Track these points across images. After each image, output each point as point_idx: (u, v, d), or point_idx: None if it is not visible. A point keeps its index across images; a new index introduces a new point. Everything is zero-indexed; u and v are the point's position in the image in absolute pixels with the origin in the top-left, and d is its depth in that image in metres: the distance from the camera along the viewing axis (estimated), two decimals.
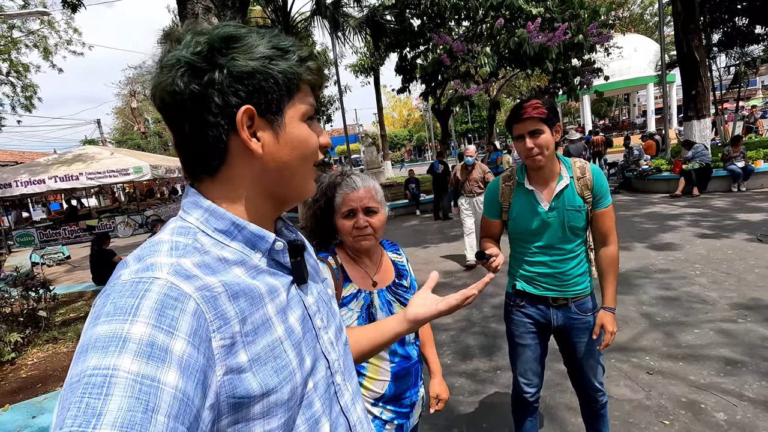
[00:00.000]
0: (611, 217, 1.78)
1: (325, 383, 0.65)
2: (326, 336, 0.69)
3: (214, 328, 0.50)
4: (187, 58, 0.54)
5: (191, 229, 0.58)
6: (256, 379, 0.52)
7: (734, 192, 8.59)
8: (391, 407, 1.36)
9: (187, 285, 0.50)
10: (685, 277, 4.43)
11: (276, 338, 0.57)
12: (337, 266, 1.36)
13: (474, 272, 5.56)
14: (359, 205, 1.32)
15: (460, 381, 3.07)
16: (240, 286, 0.55)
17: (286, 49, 0.59)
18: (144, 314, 0.45)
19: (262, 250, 0.61)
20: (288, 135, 0.60)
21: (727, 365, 2.82)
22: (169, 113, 0.57)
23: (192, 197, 0.61)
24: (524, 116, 1.64)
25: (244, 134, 0.56)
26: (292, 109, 0.60)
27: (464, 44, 9.49)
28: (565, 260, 1.78)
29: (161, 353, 0.43)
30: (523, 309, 1.88)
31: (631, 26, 25.29)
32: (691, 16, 9.72)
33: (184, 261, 0.52)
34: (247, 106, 0.55)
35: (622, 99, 34.51)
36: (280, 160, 0.60)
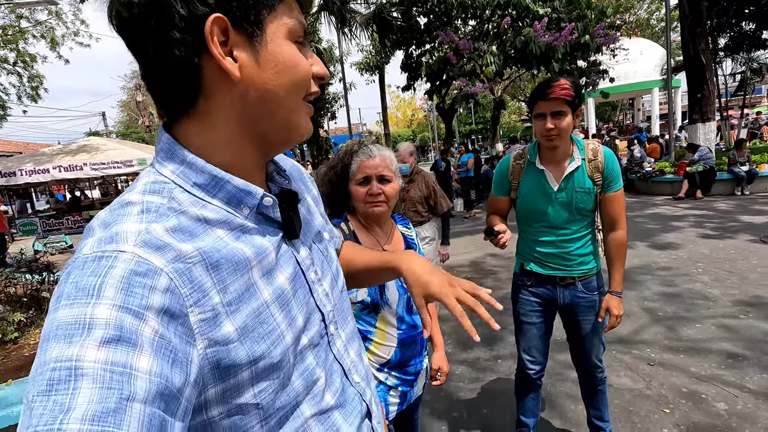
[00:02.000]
0: (621, 202, 1.78)
1: (319, 336, 0.63)
2: (320, 288, 0.65)
3: (190, 303, 0.45)
4: None
5: (166, 185, 0.51)
6: (243, 348, 0.49)
7: (738, 195, 8.58)
8: (396, 374, 1.38)
9: (157, 257, 0.44)
10: (687, 274, 4.43)
11: (261, 303, 0.52)
12: (350, 232, 1.38)
13: (477, 267, 5.56)
14: (374, 173, 1.36)
15: (461, 369, 3.07)
16: (221, 252, 0.49)
17: None
18: (109, 295, 0.40)
19: (249, 206, 0.54)
20: (271, 54, 0.50)
21: (728, 358, 2.82)
22: (128, 33, 0.48)
23: (166, 143, 0.52)
24: (550, 95, 1.63)
25: (215, 50, 0.47)
26: (275, 23, 0.50)
27: (470, 42, 9.50)
28: (572, 240, 1.79)
29: (131, 337, 0.40)
30: (530, 288, 1.89)
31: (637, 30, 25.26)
32: (699, 19, 9.70)
33: (155, 227, 0.46)
34: (217, 15, 0.46)
35: (627, 103, 34.45)
36: (262, 85, 0.50)
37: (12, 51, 15.36)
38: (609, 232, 1.82)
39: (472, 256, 6.09)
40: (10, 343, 3.81)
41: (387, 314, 1.37)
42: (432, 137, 39.35)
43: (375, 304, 1.35)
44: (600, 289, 1.85)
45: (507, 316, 3.85)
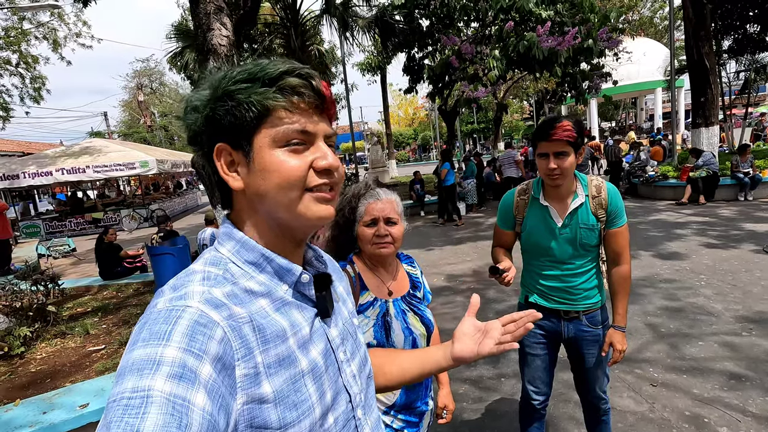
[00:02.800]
0: (625, 237, 1.79)
1: (345, 418, 0.66)
2: (349, 369, 0.69)
3: (239, 357, 0.52)
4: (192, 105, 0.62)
5: (223, 259, 0.61)
6: (276, 412, 0.54)
7: (741, 201, 8.56)
8: (402, 416, 1.39)
9: (216, 313, 0.52)
10: (690, 287, 4.43)
11: (298, 372, 0.58)
12: (355, 275, 1.40)
13: (479, 276, 5.57)
14: (381, 215, 1.38)
15: (465, 387, 3.09)
16: (265, 319, 0.57)
17: (253, 76, 0.58)
18: (176, 339, 0.48)
19: (289, 283, 0.63)
20: (257, 163, 0.59)
21: (731, 379, 2.83)
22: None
23: (226, 228, 0.65)
24: (553, 137, 1.64)
25: (219, 169, 0.61)
26: (260, 136, 0.59)
27: (473, 46, 9.47)
28: (577, 275, 1.80)
29: (191, 375, 0.46)
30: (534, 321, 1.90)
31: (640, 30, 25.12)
32: (702, 22, 9.66)
33: (215, 290, 0.55)
34: (218, 144, 0.60)
35: (629, 103, 34.33)
36: (256, 189, 0.60)
37: (15, 53, 15.38)
38: (613, 266, 1.83)
39: (474, 265, 6.10)
40: (17, 357, 3.85)
41: None
42: (433, 136, 39.29)
43: (381, 347, 1.36)
44: (604, 323, 1.86)
45: None
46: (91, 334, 4.33)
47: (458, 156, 20.16)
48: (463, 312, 4.42)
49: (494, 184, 12.43)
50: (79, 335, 4.29)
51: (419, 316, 1.45)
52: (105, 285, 6.41)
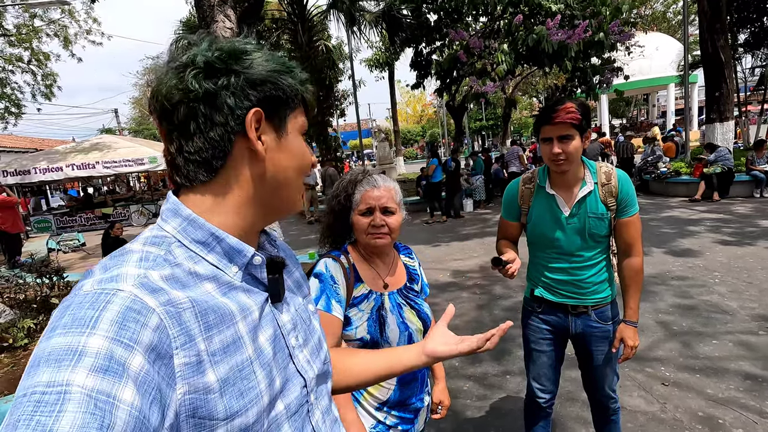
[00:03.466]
0: (636, 227, 1.70)
1: (298, 404, 0.64)
2: (302, 355, 0.68)
3: (177, 345, 0.48)
4: (207, 59, 0.56)
5: (167, 238, 0.57)
6: (222, 401, 0.51)
7: (756, 198, 8.35)
8: (395, 413, 1.33)
9: (151, 298, 0.48)
10: (703, 285, 4.30)
11: (246, 358, 0.56)
12: (349, 266, 1.33)
13: (486, 272, 5.48)
14: (377, 204, 1.31)
15: (468, 384, 3.02)
16: (209, 303, 0.54)
17: (291, 68, 0.63)
18: (103, 327, 0.43)
19: (239, 264, 0.60)
20: (289, 143, 0.63)
21: (746, 379, 2.72)
22: (173, 113, 0.56)
23: (172, 205, 0.60)
24: (556, 120, 1.56)
25: (251, 134, 0.58)
26: (293, 121, 0.64)
27: (481, 40, 9.34)
28: (585, 267, 1.71)
29: (118, 368, 0.42)
30: (540, 315, 1.82)
31: (653, 24, 24.68)
32: (718, 15, 9.41)
33: (152, 273, 0.51)
34: (257, 108, 0.58)
35: (641, 99, 33.78)
36: (279, 165, 0.62)
37: (26, 50, 15.55)
38: (624, 258, 1.74)
39: (480, 261, 6.01)
40: (20, 349, 3.85)
41: None
42: (442, 133, 39.09)
43: (374, 342, 1.29)
44: (614, 319, 1.77)
45: (514, 328, 3.76)
46: None
47: (466, 153, 20.00)
48: (468, 308, 4.34)
49: (502, 180, 12.30)
50: None
51: (416, 310, 1.38)
52: None
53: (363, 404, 1.31)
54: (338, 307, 1.27)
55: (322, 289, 1.29)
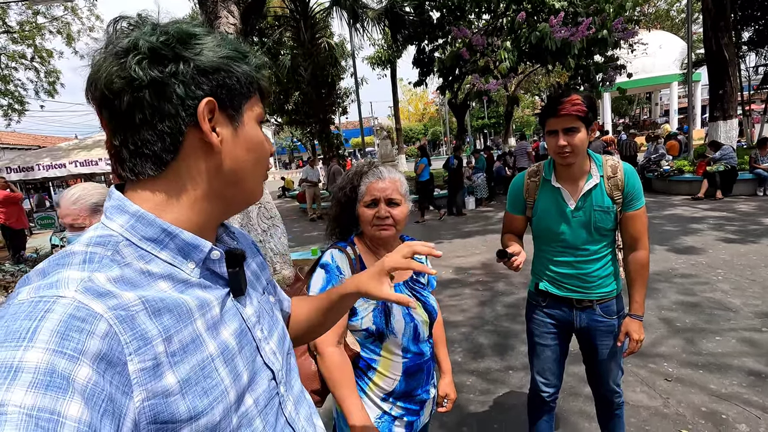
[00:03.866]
0: (643, 221, 1.70)
1: (268, 397, 0.63)
2: (268, 347, 0.66)
3: (130, 351, 0.46)
4: (151, 45, 0.51)
5: (113, 237, 0.53)
6: (184, 402, 0.49)
7: (760, 196, 8.32)
8: (401, 404, 1.34)
9: (98, 303, 0.45)
10: (707, 282, 4.30)
11: (206, 356, 0.53)
12: (356, 256, 1.34)
13: (488, 269, 5.48)
14: (382, 195, 1.32)
15: (471, 379, 3.02)
16: (165, 302, 0.51)
17: (245, 53, 0.59)
18: (43, 338, 0.40)
19: (196, 260, 0.57)
20: (246, 134, 0.60)
21: (750, 375, 2.72)
22: (115, 103, 0.52)
23: (116, 201, 0.56)
24: (561, 112, 1.56)
25: (205, 126, 0.54)
26: (250, 110, 0.61)
27: (484, 38, 9.32)
28: (591, 261, 1.71)
29: (62, 382, 0.39)
30: (545, 309, 1.83)
31: (656, 22, 24.57)
32: (722, 12, 9.37)
33: (98, 276, 0.48)
34: (210, 98, 0.55)
35: (644, 98, 33.66)
36: (236, 158, 0.59)
37: (29, 47, 15.58)
38: (630, 252, 1.74)
39: (483, 258, 6.02)
40: None
41: (391, 344, 1.32)
42: (444, 131, 39.04)
43: (380, 333, 1.30)
44: (619, 313, 1.78)
45: (516, 324, 3.81)
46: None
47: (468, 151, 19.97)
48: (471, 304, 4.35)
49: (504, 178, 12.29)
50: None
51: (422, 302, 1.39)
52: None
53: (369, 394, 1.31)
54: None
55: (328, 279, 1.30)
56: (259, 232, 4.38)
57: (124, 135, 0.53)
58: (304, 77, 11.65)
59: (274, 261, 4.42)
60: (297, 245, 7.86)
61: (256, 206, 4.36)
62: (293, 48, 12.45)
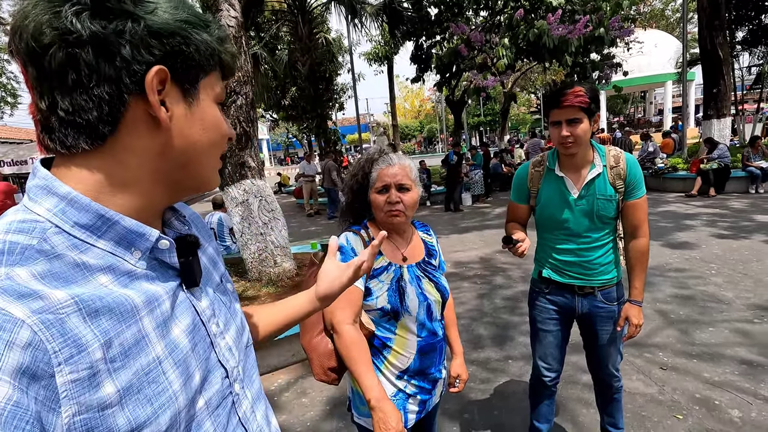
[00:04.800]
0: (643, 209, 1.76)
1: (220, 396, 0.58)
2: (224, 342, 0.60)
3: (59, 361, 0.39)
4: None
5: (38, 224, 0.45)
6: (123, 414, 0.43)
7: (752, 194, 8.45)
8: (415, 382, 1.39)
9: (18, 307, 0.38)
10: (700, 276, 4.39)
11: (153, 359, 0.47)
12: (369, 239, 1.38)
13: (486, 263, 5.55)
14: (393, 181, 1.36)
15: (472, 369, 3.08)
16: (103, 300, 0.44)
17: (207, 22, 0.52)
18: None
19: (141, 249, 0.50)
20: (201, 112, 0.53)
21: (742, 364, 2.80)
22: (45, 59, 0.43)
23: (42, 180, 0.47)
24: (564, 103, 1.60)
25: (152, 98, 0.47)
26: (208, 87, 0.54)
27: (482, 34, 9.37)
28: (593, 248, 1.77)
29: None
30: (548, 296, 1.88)
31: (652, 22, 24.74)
32: (716, 12, 9.48)
33: (19, 271, 0.41)
34: (161, 67, 0.47)
35: (638, 96, 33.92)
36: (189, 138, 0.52)
37: None
38: (630, 240, 1.80)
39: (481, 252, 6.08)
40: None
41: (407, 321, 1.37)
42: (440, 128, 39.09)
43: (395, 312, 1.35)
44: (620, 300, 1.84)
45: (515, 316, 3.88)
46: None
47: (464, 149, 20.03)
48: (469, 297, 4.41)
49: (501, 175, 12.37)
50: None
51: (434, 282, 1.44)
52: None
53: (384, 372, 1.36)
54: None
55: (343, 261, 1.34)
56: (260, 225, 4.41)
57: (53, 98, 0.45)
58: (302, 72, 11.64)
59: (275, 254, 4.45)
60: (295, 240, 7.88)
61: (257, 199, 4.38)
62: (290, 43, 12.42)
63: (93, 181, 0.48)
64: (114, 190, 0.49)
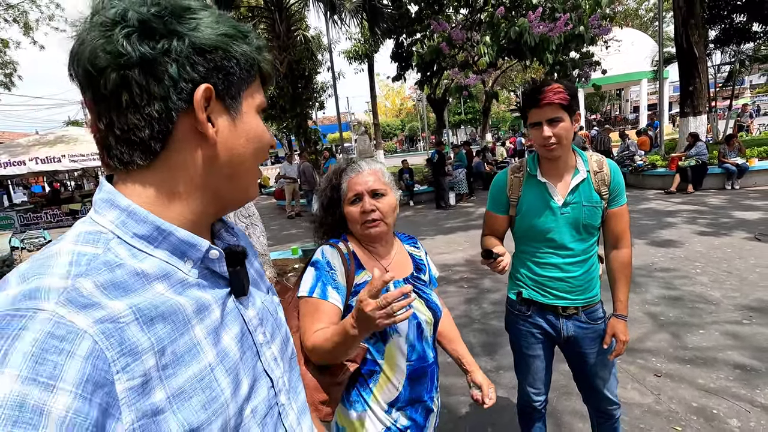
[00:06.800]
0: (626, 218, 1.66)
1: (267, 405, 0.59)
2: (269, 352, 0.62)
3: (118, 369, 0.41)
4: (142, 17, 0.46)
5: (103, 234, 0.48)
6: (176, 419, 0.45)
7: (728, 190, 8.62)
8: (407, 413, 1.26)
9: (82, 317, 0.40)
10: (686, 276, 4.37)
11: (205, 366, 0.49)
12: (349, 253, 1.25)
13: (473, 266, 5.45)
14: (365, 188, 1.24)
15: (462, 380, 2.93)
16: (159, 309, 0.46)
17: (246, 32, 0.54)
18: (14, 364, 0.35)
19: (194, 259, 0.53)
20: (244, 124, 0.54)
21: (735, 369, 2.75)
22: (100, 81, 0.46)
23: (106, 194, 0.51)
24: (543, 101, 1.47)
25: (201, 115, 0.49)
26: (250, 98, 0.55)
27: (463, 32, 9.28)
28: (579, 263, 1.63)
29: (33, 417, 0.34)
30: (529, 319, 1.73)
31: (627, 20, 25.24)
32: (692, 11, 9.63)
33: (84, 283, 0.42)
34: (208, 85, 0.49)
35: (615, 94, 34.61)
36: (233, 150, 0.54)
37: None
38: (612, 250, 1.68)
39: (466, 254, 5.99)
40: None
41: (396, 343, 1.23)
42: (421, 127, 39.10)
43: (382, 333, 1.21)
44: (603, 318, 1.71)
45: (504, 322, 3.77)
46: None
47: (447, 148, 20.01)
48: (457, 302, 4.29)
49: (483, 174, 12.36)
50: None
51: (424, 299, 1.31)
52: None
53: (372, 406, 1.22)
54: (335, 294, 1.18)
55: (318, 276, 1.20)
56: None
57: (110, 118, 0.48)
58: (280, 71, 11.34)
59: None
60: (276, 244, 7.65)
61: None
62: (268, 40, 12.09)
63: (148, 194, 0.51)
64: (167, 202, 0.52)
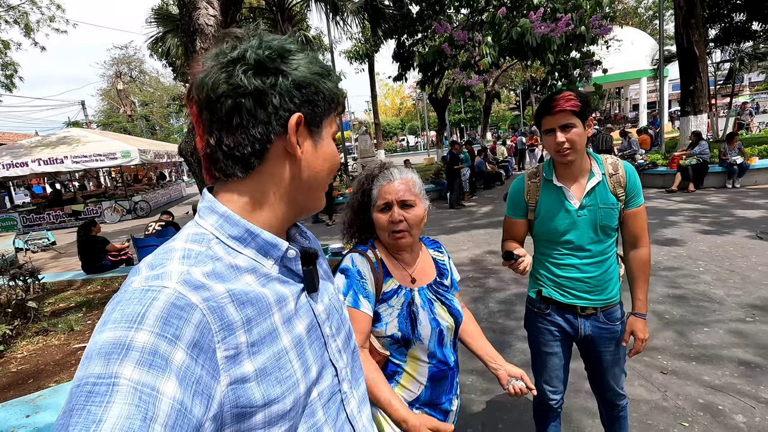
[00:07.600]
0: (643, 218, 1.69)
1: (330, 392, 0.67)
2: (334, 344, 0.70)
3: (218, 339, 0.50)
4: (258, 57, 0.57)
5: (206, 235, 0.59)
6: (259, 389, 0.53)
7: (729, 188, 8.67)
8: (427, 411, 1.29)
9: (194, 295, 0.50)
10: (690, 274, 4.42)
11: (281, 348, 0.58)
12: (377, 260, 1.29)
13: (477, 265, 5.50)
14: (395, 198, 1.27)
15: (471, 379, 3.01)
16: (248, 295, 0.56)
17: (330, 71, 0.64)
18: (149, 322, 0.45)
19: (275, 258, 0.62)
20: (323, 147, 0.65)
21: (740, 366, 2.80)
22: (217, 105, 0.57)
23: (208, 202, 0.62)
24: (556, 109, 1.53)
25: (292, 139, 0.59)
26: (329, 126, 0.66)
27: (465, 33, 9.31)
28: (596, 263, 1.68)
29: (162, 363, 0.44)
30: (548, 317, 1.78)
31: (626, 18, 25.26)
32: (692, 10, 9.67)
33: (195, 270, 0.53)
34: (300, 114, 0.59)
35: (614, 93, 34.64)
36: (313, 169, 0.64)
37: None
38: (631, 250, 1.73)
39: (471, 254, 6.03)
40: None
41: (418, 350, 1.27)
42: (421, 126, 39.12)
43: (406, 340, 1.25)
44: (622, 319, 1.76)
45: (511, 320, 3.82)
46: (75, 330, 4.12)
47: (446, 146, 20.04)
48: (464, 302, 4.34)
49: (485, 173, 12.41)
50: (62, 332, 4.07)
51: (447, 306, 1.34)
52: (89, 279, 6.15)
53: None
54: (366, 303, 1.23)
55: (349, 284, 1.24)
56: None
57: (220, 136, 0.58)
58: None
59: None
60: None
61: None
62: None
63: (242, 202, 0.61)
64: (255, 209, 0.62)
